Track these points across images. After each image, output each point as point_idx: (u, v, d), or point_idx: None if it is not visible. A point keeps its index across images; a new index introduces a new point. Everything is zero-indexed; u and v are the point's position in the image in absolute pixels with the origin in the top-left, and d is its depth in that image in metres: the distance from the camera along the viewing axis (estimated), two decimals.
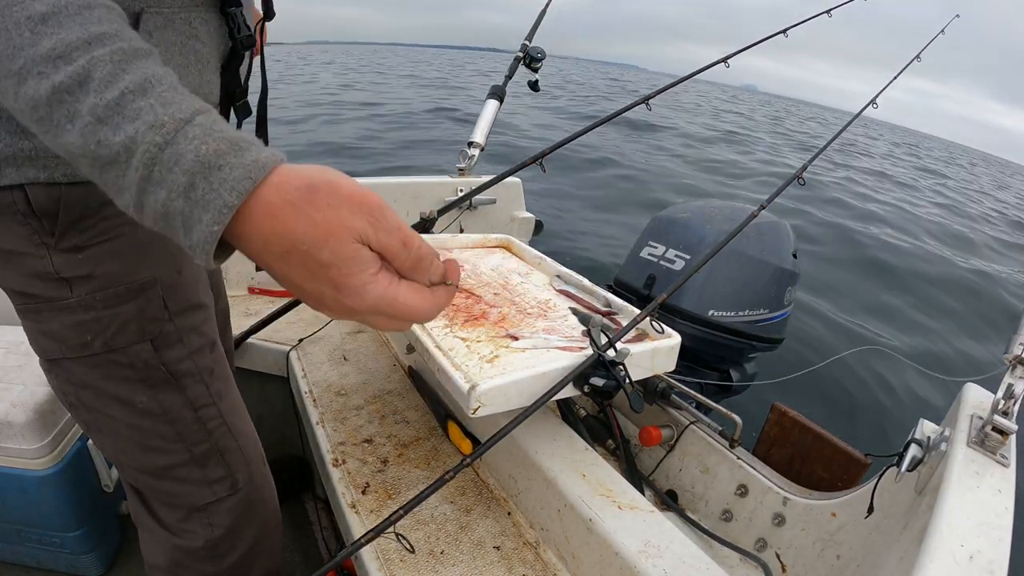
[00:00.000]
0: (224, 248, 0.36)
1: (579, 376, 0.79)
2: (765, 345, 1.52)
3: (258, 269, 0.39)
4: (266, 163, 0.35)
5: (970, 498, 0.64)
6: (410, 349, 1.29)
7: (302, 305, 1.38)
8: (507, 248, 1.31)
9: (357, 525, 0.88)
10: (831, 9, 1.72)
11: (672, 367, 0.91)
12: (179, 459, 0.68)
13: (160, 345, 0.62)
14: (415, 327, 0.88)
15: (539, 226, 2.07)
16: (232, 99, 0.71)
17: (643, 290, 1.48)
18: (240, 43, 0.66)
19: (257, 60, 0.82)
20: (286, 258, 0.35)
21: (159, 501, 0.72)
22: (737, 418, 1.05)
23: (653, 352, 0.88)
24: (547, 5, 1.80)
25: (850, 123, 1.54)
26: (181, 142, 0.34)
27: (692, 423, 1.12)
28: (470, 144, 1.78)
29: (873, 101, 1.58)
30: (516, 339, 0.87)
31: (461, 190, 1.81)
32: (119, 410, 0.64)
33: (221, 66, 0.66)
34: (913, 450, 0.76)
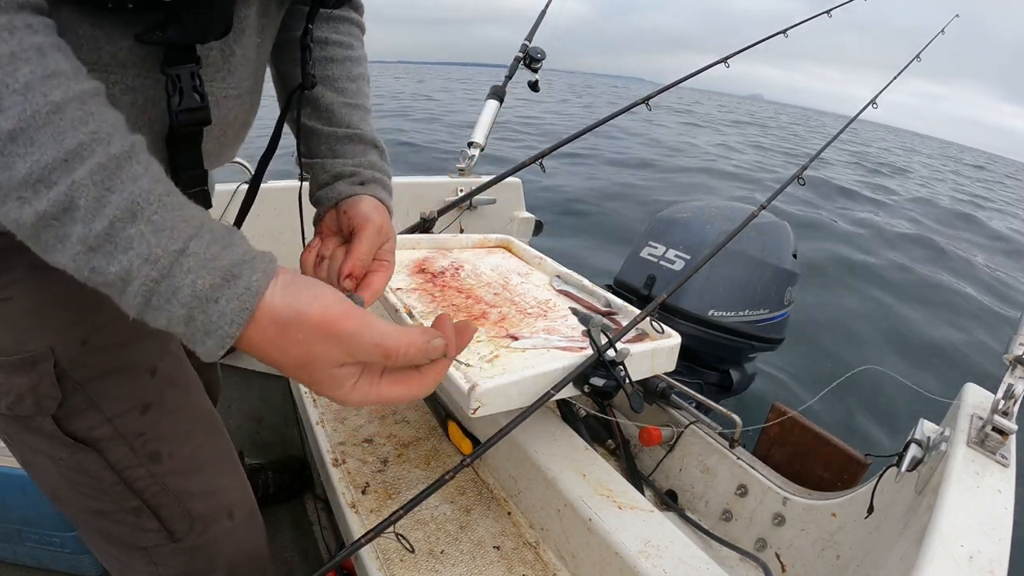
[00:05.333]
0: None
1: (579, 376, 0.79)
2: (765, 345, 1.52)
3: None
4: (257, 287, 0.37)
5: (970, 498, 0.64)
6: None
7: None
8: (507, 248, 1.31)
9: (357, 525, 0.88)
10: (831, 9, 1.73)
11: (672, 367, 0.91)
12: (110, 507, 0.63)
13: (63, 417, 0.56)
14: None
15: (539, 226, 2.07)
16: (188, 181, 0.54)
17: (643, 290, 1.48)
18: (177, 120, 0.47)
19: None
20: (278, 367, 0.40)
21: (99, 534, 0.67)
22: (737, 418, 1.05)
23: (653, 352, 0.88)
24: (547, 5, 1.81)
25: (850, 123, 1.55)
26: (177, 275, 0.35)
27: (692, 423, 1.12)
28: (470, 144, 1.78)
29: (873, 102, 1.59)
30: (516, 339, 0.87)
31: (461, 190, 1.80)
32: (44, 460, 0.60)
33: (166, 142, 0.51)
34: (913, 450, 0.76)
